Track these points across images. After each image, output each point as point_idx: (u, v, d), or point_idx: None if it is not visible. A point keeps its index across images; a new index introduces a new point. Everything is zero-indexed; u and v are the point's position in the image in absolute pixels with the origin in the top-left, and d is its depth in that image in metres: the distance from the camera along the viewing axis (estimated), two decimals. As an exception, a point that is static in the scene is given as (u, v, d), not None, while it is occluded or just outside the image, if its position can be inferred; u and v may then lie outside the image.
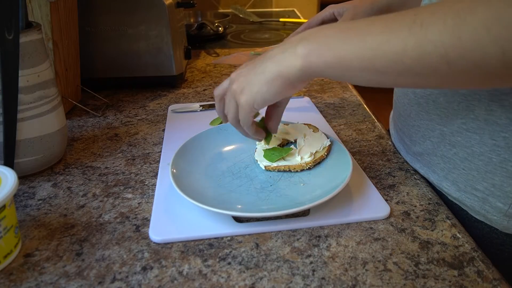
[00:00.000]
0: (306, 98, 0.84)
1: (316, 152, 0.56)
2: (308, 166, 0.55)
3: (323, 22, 0.75)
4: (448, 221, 0.48)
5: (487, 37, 0.31)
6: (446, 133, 0.51)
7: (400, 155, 0.63)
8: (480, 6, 0.32)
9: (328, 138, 0.58)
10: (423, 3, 0.58)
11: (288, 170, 0.55)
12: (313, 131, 0.60)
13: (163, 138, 0.69)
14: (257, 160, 0.57)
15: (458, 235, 0.46)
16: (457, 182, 0.52)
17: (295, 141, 0.60)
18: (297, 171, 0.55)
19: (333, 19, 0.73)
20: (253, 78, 0.45)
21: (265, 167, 0.55)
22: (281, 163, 0.55)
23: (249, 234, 0.46)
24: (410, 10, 0.36)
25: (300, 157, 0.55)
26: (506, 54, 0.31)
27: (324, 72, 0.41)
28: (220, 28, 1.37)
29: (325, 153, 0.56)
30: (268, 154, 0.56)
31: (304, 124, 0.62)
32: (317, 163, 0.56)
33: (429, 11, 0.35)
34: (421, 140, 0.55)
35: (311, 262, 0.42)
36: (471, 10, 0.32)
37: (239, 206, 0.48)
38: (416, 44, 0.34)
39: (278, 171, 0.55)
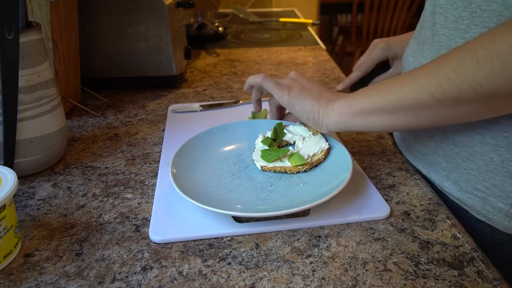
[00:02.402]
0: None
1: (313, 155, 0.56)
2: (304, 168, 0.55)
3: (378, 62, 0.76)
4: (448, 221, 0.48)
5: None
6: (449, 133, 0.51)
7: (402, 154, 0.63)
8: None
9: (326, 142, 0.58)
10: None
11: (284, 172, 0.55)
12: (312, 134, 0.60)
13: (163, 138, 0.69)
14: (254, 159, 0.57)
15: (458, 235, 0.46)
16: (459, 182, 0.52)
17: (294, 143, 0.60)
18: (293, 173, 0.55)
19: (386, 58, 0.74)
20: (304, 96, 0.56)
21: (261, 167, 0.55)
22: (277, 164, 0.55)
23: (249, 234, 0.46)
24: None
25: (289, 162, 0.55)
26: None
27: (349, 122, 0.52)
28: (220, 28, 1.37)
29: (323, 157, 0.56)
30: (265, 154, 0.56)
31: (304, 126, 0.62)
32: (313, 166, 0.55)
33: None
34: (426, 139, 0.55)
35: (311, 262, 0.42)
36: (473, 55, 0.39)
37: (239, 206, 0.48)
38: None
39: (274, 172, 0.55)
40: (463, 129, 0.49)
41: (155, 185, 0.55)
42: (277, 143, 0.60)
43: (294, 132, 0.61)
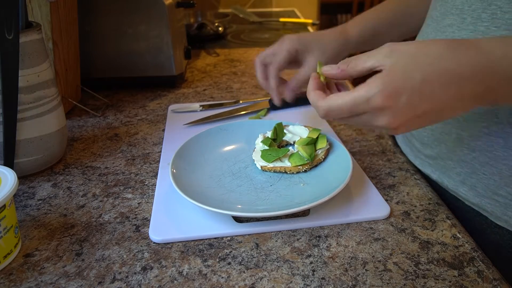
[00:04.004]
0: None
1: (314, 155, 0.56)
2: (304, 168, 0.55)
3: (289, 61, 0.63)
4: (448, 221, 0.48)
5: None
6: (465, 137, 0.49)
7: (402, 154, 0.63)
8: None
9: (326, 142, 0.58)
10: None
11: (284, 172, 0.55)
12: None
13: (163, 138, 0.69)
14: (254, 159, 0.57)
15: (458, 235, 0.46)
16: (476, 187, 0.50)
17: (294, 143, 0.60)
18: (293, 173, 0.55)
19: (296, 57, 0.62)
20: (422, 124, 0.39)
21: (261, 167, 0.55)
22: (277, 164, 0.55)
23: (249, 234, 0.46)
24: None
25: (289, 162, 0.55)
26: None
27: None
28: (220, 28, 1.37)
29: (323, 156, 0.56)
30: (265, 154, 0.56)
31: (304, 126, 0.62)
32: (313, 166, 0.55)
33: None
34: (435, 144, 0.54)
35: (311, 262, 0.42)
36: None
37: (239, 206, 0.48)
38: None
39: (274, 172, 0.55)
40: (481, 134, 0.47)
41: (155, 185, 0.55)
42: (277, 143, 0.60)
43: (294, 132, 0.61)
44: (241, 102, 0.82)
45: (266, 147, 0.57)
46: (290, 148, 0.59)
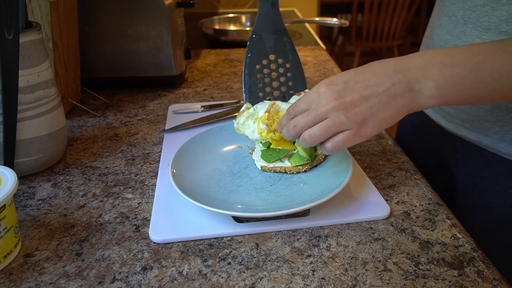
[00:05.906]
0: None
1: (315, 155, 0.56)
2: (304, 169, 0.55)
3: None
4: (448, 221, 0.48)
5: None
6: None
7: (404, 156, 0.63)
8: None
9: None
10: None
11: (284, 172, 0.55)
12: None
13: (163, 138, 0.69)
14: (254, 159, 0.57)
15: (458, 235, 0.46)
16: None
17: (294, 143, 0.60)
18: (293, 173, 0.55)
19: None
20: (379, 112, 0.43)
21: (261, 167, 0.55)
22: (278, 164, 0.55)
23: (249, 234, 0.46)
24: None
25: (289, 162, 0.55)
26: None
27: (456, 103, 0.44)
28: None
29: (323, 156, 0.56)
30: (265, 154, 0.55)
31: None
32: (313, 166, 0.55)
33: None
34: (470, 109, 0.56)
35: (311, 262, 0.42)
36: None
37: (239, 206, 0.48)
38: None
39: (274, 172, 0.55)
40: None
41: (155, 185, 0.55)
42: None
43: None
44: (241, 102, 0.82)
45: (266, 148, 0.57)
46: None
